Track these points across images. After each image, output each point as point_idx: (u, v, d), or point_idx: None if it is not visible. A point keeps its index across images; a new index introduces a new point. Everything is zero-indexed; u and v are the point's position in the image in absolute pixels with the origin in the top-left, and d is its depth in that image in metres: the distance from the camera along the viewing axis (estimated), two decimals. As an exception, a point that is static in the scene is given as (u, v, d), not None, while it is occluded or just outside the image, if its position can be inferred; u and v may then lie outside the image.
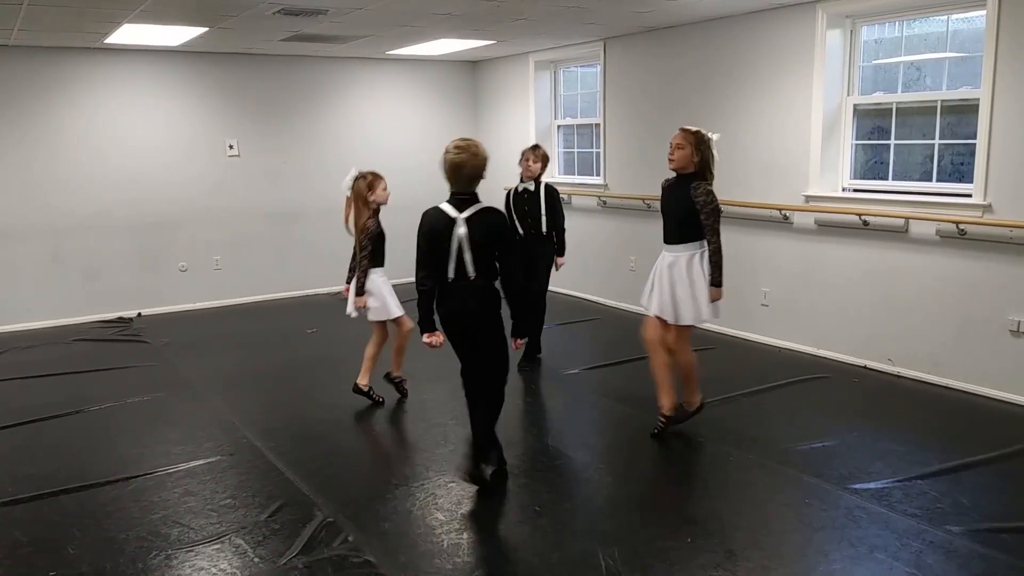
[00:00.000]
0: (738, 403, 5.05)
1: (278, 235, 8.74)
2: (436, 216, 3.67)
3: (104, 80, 7.64)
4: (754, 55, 6.30)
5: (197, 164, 8.19)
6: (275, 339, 7.02)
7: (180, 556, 3.34)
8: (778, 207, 6.20)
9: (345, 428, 4.86)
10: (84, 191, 7.67)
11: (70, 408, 5.20)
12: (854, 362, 5.83)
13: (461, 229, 3.60)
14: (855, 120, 5.91)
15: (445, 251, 3.62)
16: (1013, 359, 4.96)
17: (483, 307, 3.72)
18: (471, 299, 3.69)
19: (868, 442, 4.42)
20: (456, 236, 3.60)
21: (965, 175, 5.27)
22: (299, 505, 3.78)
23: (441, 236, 3.62)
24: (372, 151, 9.05)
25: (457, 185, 3.66)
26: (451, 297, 3.71)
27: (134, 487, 4.02)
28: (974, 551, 3.26)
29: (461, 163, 3.61)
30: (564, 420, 5.11)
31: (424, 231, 3.70)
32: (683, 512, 3.72)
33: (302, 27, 6.52)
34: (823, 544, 3.36)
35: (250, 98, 8.37)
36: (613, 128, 7.79)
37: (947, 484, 3.87)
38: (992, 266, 5.02)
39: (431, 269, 3.70)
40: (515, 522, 3.67)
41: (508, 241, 3.75)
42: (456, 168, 3.62)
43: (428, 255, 3.69)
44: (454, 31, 6.97)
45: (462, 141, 3.68)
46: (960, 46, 5.33)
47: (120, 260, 7.93)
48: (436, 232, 3.64)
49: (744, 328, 6.60)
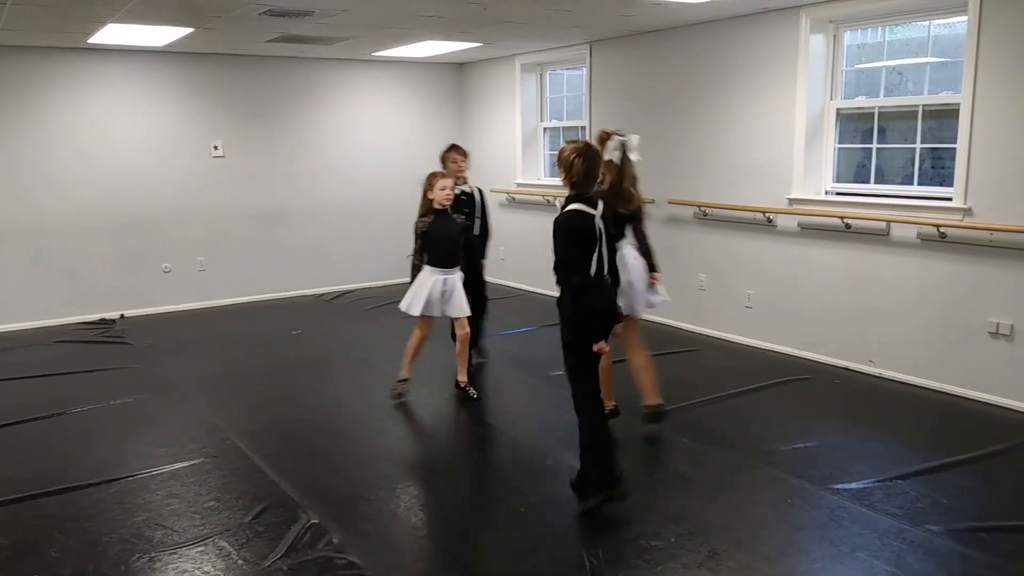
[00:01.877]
0: (722, 404, 5.08)
1: (263, 236, 8.71)
2: (582, 216, 3.65)
3: (88, 80, 7.59)
4: (739, 59, 6.34)
5: (181, 165, 8.15)
6: (259, 341, 7.00)
7: (163, 558, 3.33)
8: (762, 210, 6.25)
9: (330, 430, 4.85)
10: (67, 191, 7.61)
11: (52, 410, 5.16)
12: (836, 363, 5.88)
13: (600, 226, 3.68)
14: (838, 124, 5.96)
15: (591, 250, 3.65)
16: (992, 361, 5.02)
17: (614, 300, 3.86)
18: (611, 293, 3.81)
19: (849, 443, 4.46)
20: (598, 234, 3.68)
21: (946, 179, 5.33)
22: (283, 507, 3.77)
23: (591, 235, 3.65)
24: (358, 153, 9.06)
25: (586, 186, 3.70)
26: (597, 293, 3.71)
27: (117, 489, 4.00)
28: (954, 550, 3.29)
29: (596, 164, 3.76)
30: (549, 421, 5.12)
31: (576, 232, 3.64)
32: (666, 512, 3.74)
33: (288, 28, 6.50)
34: (805, 543, 3.39)
35: (235, 99, 8.34)
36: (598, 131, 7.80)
37: (927, 484, 3.91)
38: (972, 269, 5.08)
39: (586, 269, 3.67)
40: (500, 523, 3.68)
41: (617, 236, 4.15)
42: (591, 169, 3.70)
43: (582, 256, 3.65)
44: (440, 33, 6.98)
45: (583, 143, 3.75)
46: (941, 51, 5.39)
47: (103, 261, 7.88)
48: (589, 231, 3.64)
49: (728, 330, 6.64)
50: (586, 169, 3.66)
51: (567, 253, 3.63)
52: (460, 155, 5.63)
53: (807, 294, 6.08)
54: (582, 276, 3.63)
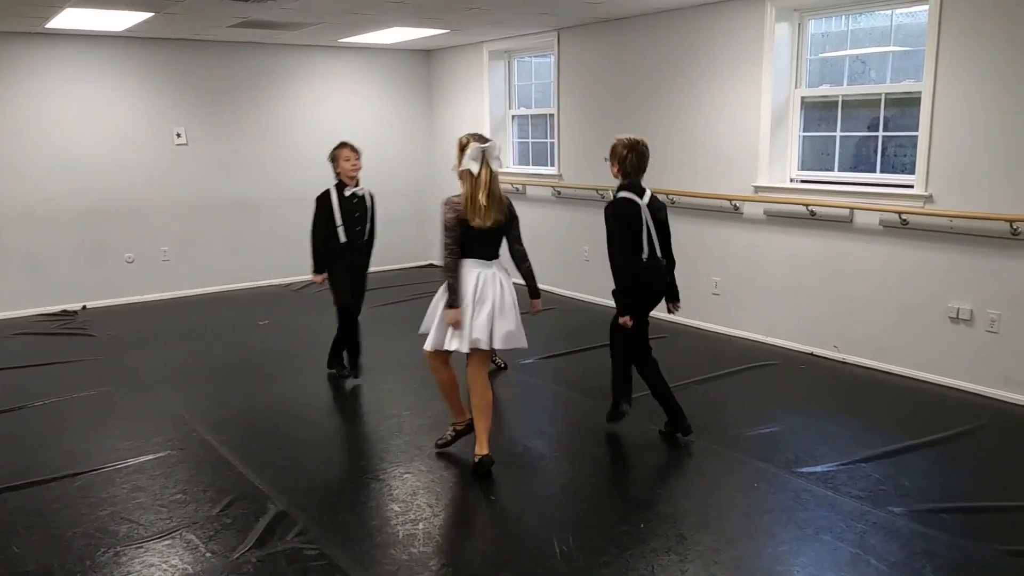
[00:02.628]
0: (690, 390, 5.12)
1: (229, 225, 8.60)
2: (629, 204, 4.10)
3: (46, 66, 7.41)
4: (705, 47, 6.37)
5: (143, 152, 8.00)
6: (226, 331, 6.92)
7: (129, 552, 3.29)
8: (728, 197, 6.30)
9: (298, 420, 4.82)
10: (26, 179, 7.44)
11: (13, 404, 5.06)
12: (802, 349, 5.96)
13: (646, 214, 4.10)
14: (802, 112, 6.02)
15: (638, 234, 4.08)
16: (952, 345, 5.12)
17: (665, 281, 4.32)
18: (663, 274, 4.28)
19: (814, 427, 4.54)
20: (644, 220, 4.09)
21: (907, 166, 5.41)
22: (252, 499, 3.74)
23: (636, 220, 4.08)
24: (325, 140, 8.87)
25: (637, 175, 4.14)
26: (649, 274, 4.18)
27: (81, 483, 3.93)
28: (915, 531, 3.37)
29: (645, 157, 4.13)
30: (520, 409, 5.14)
31: (623, 218, 4.08)
32: (636, 498, 3.78)
33: (251, 13, 6.40)
34: (771, 526, 3.44)
35: (198, 85, 8.20)
36: (566, 118, 7.82)
37: (889, 467, 3.99)
38: (933, 255, 5.17)
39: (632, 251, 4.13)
40: (471, 512, 3.69)
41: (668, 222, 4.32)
42: (643, 158, 4.12)
43: (628, 239, 4.10)
44: (407, 19, 6.92)
45: (635, 139, 4.13)
46: (903, 40, 5.46)
47: (64, 251, 7.73)
48: (635, 217, 4.09)
49: (695, 317, 6.70)
50: (636, 162, 4.10)
51: (614, 236, 4.10)
52: (353, 153, 5.14)
53: (773, 281, 6.15)
54: (628, 257, 4.09)
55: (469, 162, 3.81)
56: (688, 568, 3.11)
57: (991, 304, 4.91)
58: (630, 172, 4.12)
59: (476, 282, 3.89)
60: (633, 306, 4.15)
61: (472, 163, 3.81)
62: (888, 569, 3.08)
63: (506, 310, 3.93)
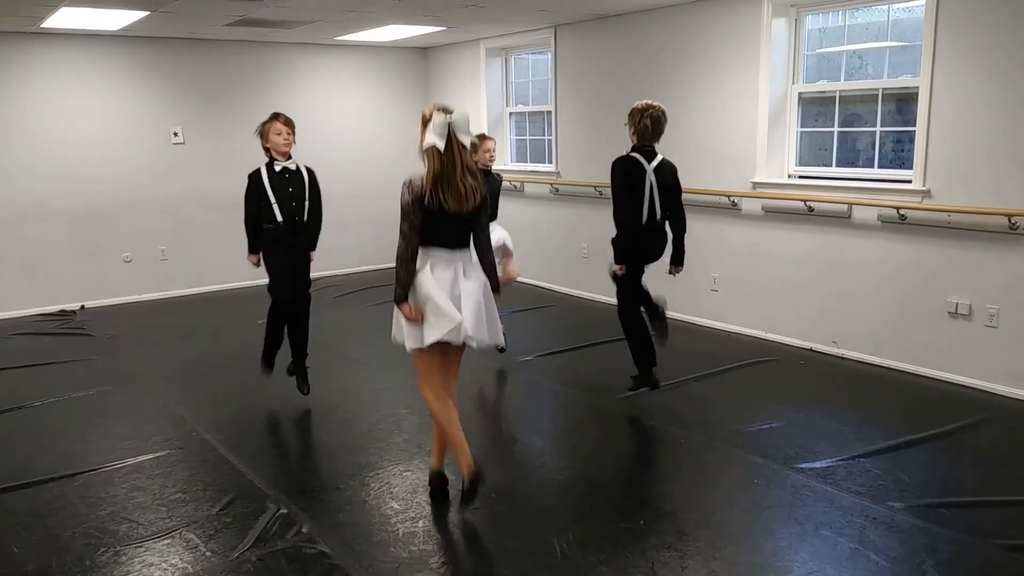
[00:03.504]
0: (689, 387, 5.13)
1: (226, 224, 8.55)
2: (632, 162, 4.30)
3: (42, 66, 7.39)
4: (702, 43, 6.36)
5: (140, 152, 7.98)
6: (224, 330, 6.91)
7: (129, 552, 3.28)
8: (726, 193, 6.30)
9: (297, 419, 4.82)
10: (22, 180, 7.42)
11: (11, 404, 5.05)
12: (800, 345, 5.96)
13: (651, 176, 4.26)
14: (800, 108, 6.02)
15: (640, 195, 4.25)
16: (950, 340, 5.13)
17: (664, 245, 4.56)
18: (662, 238, 4.49)
19: (813, 422, 4.54)
20: (648, 182, 4.24)
21: (905, 162, 5.41)
22: (251, 498, 3.74)
23: (639, 180, 4.26)
24: (322, 138, 8.93)
25: (651, 140, 4.36)
26: (648, 238, 4.44)
27: (80, 483, 3.93)
28: (915, 526, 3.37)
29: (662, 120, 4.34)
30: (518, 406, 5.14)
31: (626, 175, 4.30)
32: (635, 495, 3.78)
33: (247, 12, 6.39)
34: (771, 522, 3.44)
35: (195, 84, 8.18)
36: (564, 115, 7.81)
37: (889, 462, 3.99)
38: (931, 250, 5.17)
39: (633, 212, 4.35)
40: (470, 509, 3.68)
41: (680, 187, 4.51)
42: (657, 123, 4.33)
43: (630, 198, 4.31)
44: (404, 16, 6.90)
45: (653, 105, 4.37)
46: (900, 35, 5.46)
47: (61, 251, 7.71)
48: (638, 175, 4.29)
49: (694, 313, 6.70)
50: (650, 126, 4.32)
51: (616, 192, 4.29)
52: (285, 126, 4.84)
53: (771, 277, 6.15)
54: (626, 216, 4.26)
55: (433, 137, 3.22)
56: (688, 564, 3.11)
57: (990, 299, 4.91)
58: (644, 135, 4.35)
59: (450, 274, 3.33)
60: (628, 258, 4.43)
61: (437, 139, 3.22)
62: (888, 564, 3.09)
63: (490, 307, 3.48)
